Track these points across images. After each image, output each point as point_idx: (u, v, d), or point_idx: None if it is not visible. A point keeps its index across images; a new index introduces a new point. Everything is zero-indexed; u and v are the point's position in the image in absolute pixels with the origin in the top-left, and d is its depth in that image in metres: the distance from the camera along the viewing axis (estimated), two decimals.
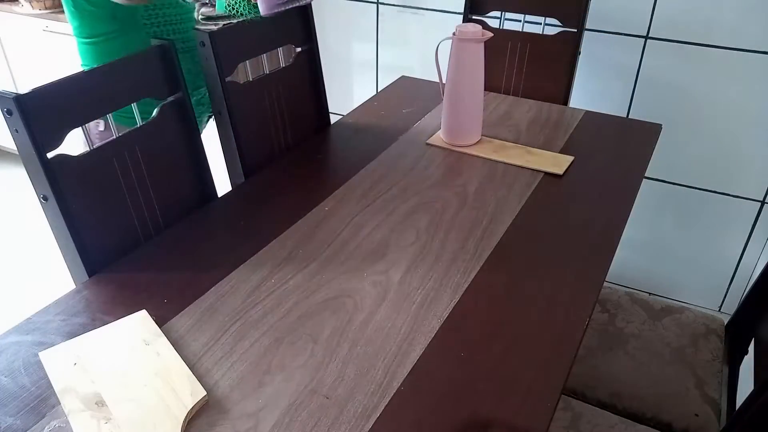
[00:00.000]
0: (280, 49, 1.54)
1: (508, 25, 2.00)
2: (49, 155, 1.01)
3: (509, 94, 1.84)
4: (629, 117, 1.99)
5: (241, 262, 1.09)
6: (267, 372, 0.86)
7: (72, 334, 0.92)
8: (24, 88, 1.01)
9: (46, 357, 0.87)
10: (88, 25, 1.25)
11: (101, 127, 1.29)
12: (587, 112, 1.69)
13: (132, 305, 0.98)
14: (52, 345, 0.89)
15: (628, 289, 1.55)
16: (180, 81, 1.23)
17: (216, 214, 1.26)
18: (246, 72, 1.48)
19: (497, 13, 1.98)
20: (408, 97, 1.79)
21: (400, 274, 1.06)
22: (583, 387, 1.27)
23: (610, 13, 1.90)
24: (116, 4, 1.19)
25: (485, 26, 1.86)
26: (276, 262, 1.09)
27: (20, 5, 2.62)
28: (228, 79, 1.35)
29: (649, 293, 2.20)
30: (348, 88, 2.51)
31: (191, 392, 0.81)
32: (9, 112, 0.95)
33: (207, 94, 1.35)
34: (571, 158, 1.44)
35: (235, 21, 1.30)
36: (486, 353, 0.90)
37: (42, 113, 0.98)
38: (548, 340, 0.92)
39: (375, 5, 2.28)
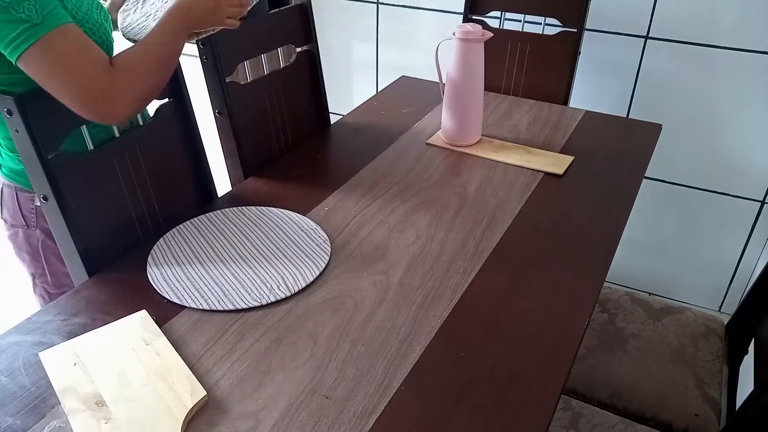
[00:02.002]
0: (280, 49, 1.54)
1: (508, 25, 2.01)
2: (49, 155, 1.01)
3: (509, 94, 1.84)
4: (629, 117, 1.99)
5: None
6: (267, 372, 0.86)
7: (72, 334, 0.92)
8: None
9: (46, 357, 0.87)
10: None
11: (37, 202, 1.11)
12: (587, 112, 1.69)
13: (132, 305, 0.98)
14: (52, 345, 0.89)
15: (628, 289, 1.55)
16: (180, 81, 1.23)
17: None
18: (246, 72, 1.48)
19: (497, 13, 1.99)
20: (408, 97, 1.79)
21: (400, 274, 1.06)
22: (583, 387, 1.27)
23: (610, 13, 1.90)
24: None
25: (485, 26, 1.86)
26: None
27: None
28: (228, 79, 1.35)
29: (649, 293, 2.20)
30: (348, 88, 2.51)
31: (191, 392, 0.81)
32: (9, 112, 0.95)
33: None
34: (571, 158, 1.44)
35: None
36: (486, 353, 0.90)
37: (42, 113, 0.98)
38: (548, 340, 0.92)
39: (375, 5, 2.28)
